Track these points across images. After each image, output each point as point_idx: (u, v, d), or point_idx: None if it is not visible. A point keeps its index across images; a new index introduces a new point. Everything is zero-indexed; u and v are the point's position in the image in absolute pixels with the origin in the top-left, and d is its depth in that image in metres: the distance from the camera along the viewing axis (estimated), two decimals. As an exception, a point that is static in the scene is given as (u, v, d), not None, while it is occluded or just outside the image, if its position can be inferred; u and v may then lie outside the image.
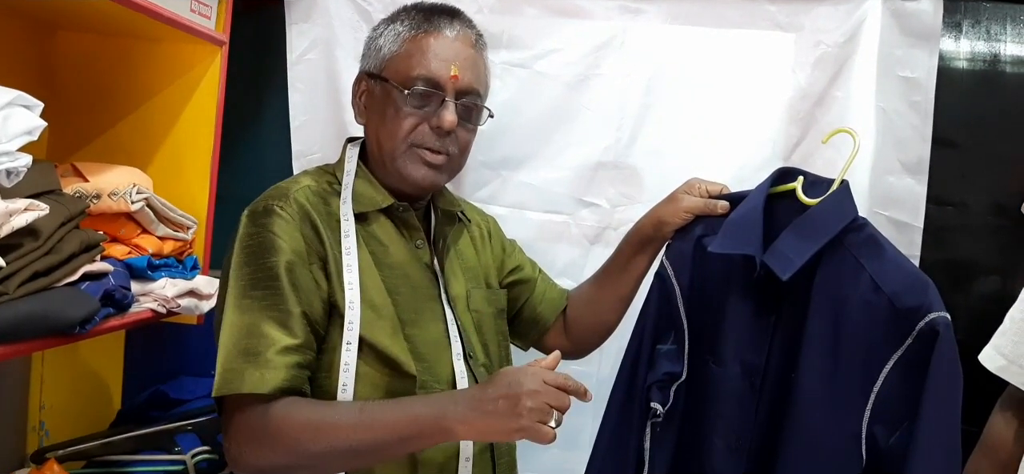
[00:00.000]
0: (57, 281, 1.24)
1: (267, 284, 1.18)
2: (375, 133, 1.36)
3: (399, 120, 1.31)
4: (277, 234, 1.20)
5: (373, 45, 1.39)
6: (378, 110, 1.35)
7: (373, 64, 1.37)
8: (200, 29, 1.56)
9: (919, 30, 1.81)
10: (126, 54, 1.66)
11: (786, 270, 1.29)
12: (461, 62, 1.32)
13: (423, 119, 1.31)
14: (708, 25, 1.89)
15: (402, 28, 1.35)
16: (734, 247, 1.36)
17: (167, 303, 1.49)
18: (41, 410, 1.75)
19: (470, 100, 1.35)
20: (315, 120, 1.97)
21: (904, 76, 1.82)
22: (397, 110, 1.31)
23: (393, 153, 1.32)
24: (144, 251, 1.49)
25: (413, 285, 1.33)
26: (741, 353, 1.38)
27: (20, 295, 1.16)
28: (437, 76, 1.31)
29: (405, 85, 1.31)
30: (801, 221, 1.34)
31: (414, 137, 1.31)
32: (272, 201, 1.24)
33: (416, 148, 1.32)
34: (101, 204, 1.42)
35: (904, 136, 1.82)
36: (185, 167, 1.65)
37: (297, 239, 1.21)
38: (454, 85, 1.31)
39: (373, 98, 1.37)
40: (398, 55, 1.33)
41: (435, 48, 1.32)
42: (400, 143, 1.31)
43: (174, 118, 1.65)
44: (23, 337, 1.15)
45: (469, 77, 1.33)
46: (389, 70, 1.34)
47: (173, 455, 1.73)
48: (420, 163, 1.32)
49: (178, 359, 2.07)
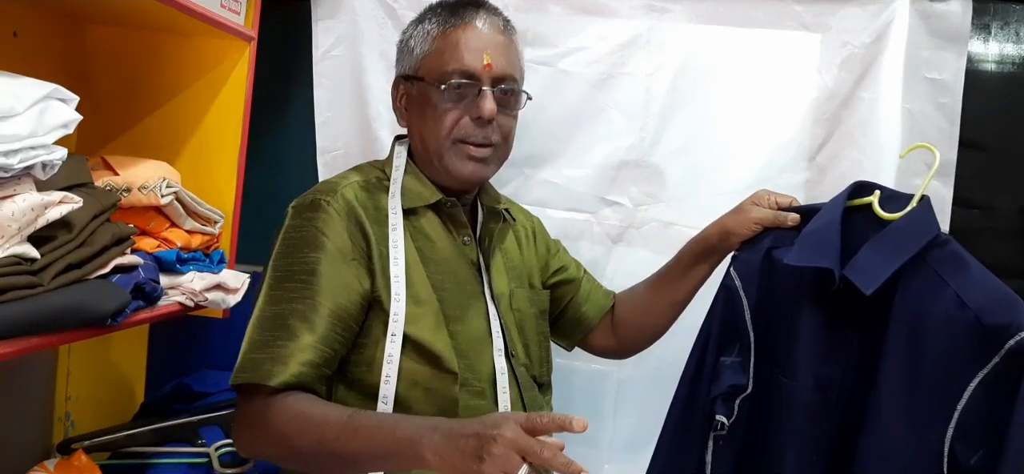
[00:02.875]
0: (89, 273, 1.25)
1: (301, 278, 1.20)
2: (418, 133, 1.38)
3: (439, 117, 1.33)
4: (320, 229, 1.23)
5: (405, 48, 1.41)
6: (418, 110, 1.37)
7: (407, 66, 1.40)
8: (230, 24, 1.57)
9: (947, 32, 1.80)
10: (156, 48, 1.67)
11: (869, 285, 1.25)
12: (493, 50, 1.34)
13: (463, 112, 1.33)
14: (734, 24, 1.89)
15: (431, 26, 1.37)
16: (812, 260, 1.32)
17: (194, 296, 1.50)
18: (67, 401, 1.76)
19: (507, 86, 1.36)
20: (340, 116, 1.98)
21: (931, 78, 1.82)
22: (436, 107, 1.33)
23: (438, 150, 1.34)
24: (173, 245, 1.50)
25: (458, 281, 1.35)
26: (815, 366, 1.35)
27: (54, 287, 1.16)
28: (471, 67, 1.32)
29: (441, 81, 1.33)
30: (883, 236, 1.31)
31: (457, 131, 1.33)
32: (319, 195, 1.27)
33: (460, 143, 1.34)
34: (131, 197, 1.43)
35: (931, 138, 1.81)
36: (213, 161, 1.66)
37: (341, 235, 1.24)
38: (489, 73, 1.33)
39: (412, 100, 1.39)
40: (431, 53, 1.36)
41: (466, 40, 1.33)
42: (444, 140, 1.34)
43: (202, 113, 1.66)
44: (57, 329, 1.16)
45: (503, 63, 1.35)
46: (424, 69, 1.36)
47: (197, 447, 1.73)
48: (465, 158, 1.34)
49: (201, 352, 2.09)
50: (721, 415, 1.39)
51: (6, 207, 1.09)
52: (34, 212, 1.13)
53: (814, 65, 1.86)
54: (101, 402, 1.88)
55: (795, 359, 1.37)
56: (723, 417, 1.39)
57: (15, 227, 1.11)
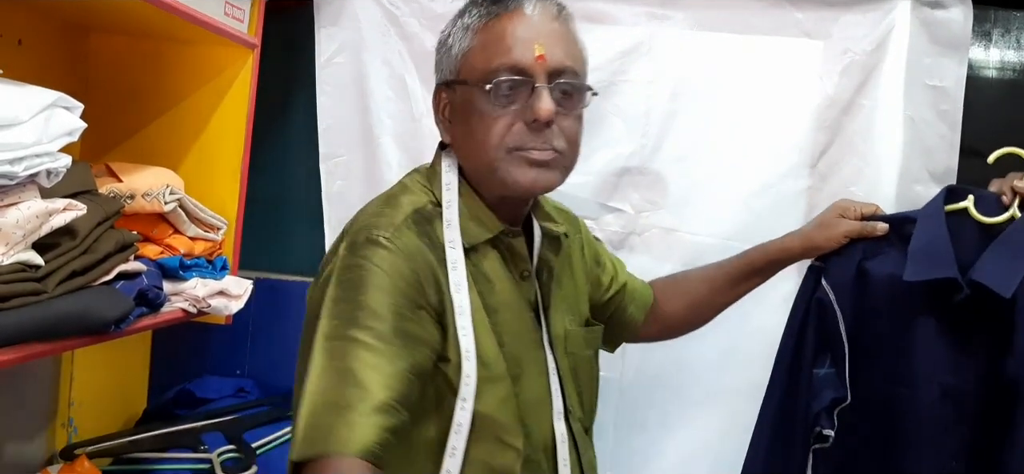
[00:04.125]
0: (93, 280, 1.26)
1: (367, 326, 0.96)
2: (466, 148, 1.15)
3: (488, 125, 1.10)
4: (383, 270, 1.00)
5: (443, 49, 1.18)
6: (463, 120, 1.14)
7: (447, 70, 1.17)
8: (233, 32, 1.58)
9: (948, 39, 1.81)
10: (158, 56, 1.68)
11: (1007, 289, 1.25)
12: (546, 39, 1.10)
13: (516, 117, 1.09)
14: (735, 32, 1.89)
15: (471, 19, 1.14)
16: (931, 273, 1.31)
17: (198, 303, 1.51)
18: (70, 407, 1.77)
19: (566, 81, 1.11)
20: (342, 123, 1.99)
21: (932, 85, 1.82)
22: (483, 114, 1.10)
23: (491, 163, 1.10)
24: (176, 251, 1.50)
25: (518, 330, 1.15)
26: (940, 376, 1.34)
27: (58, 293, 1.17)
28: (521, 61, 1.09)
29: (486, 81, 1.09)
30: (1004, 239, 1.31)
31: (510, 140, 1.09)
32: (377, 231, 1.04)
33: (516, 151, 1.10)
34: (135, 204, 1.44)
35: (932, 145, 1.82)
36: (216, 168, 1.67)
37: (406, 277, 1.02)
38: (543, 67, 1.09)
39: (455, 109, 1.16)
40: (471, 50, 1.13)
41: (513, 30, 1.10)
42: (496, 150, 1.10)
43: (206, 120, 1.67)
44: (61, 336, 1.16)
45: (559, 54, 1.11)
46: (465, 70, 1.13)
47: (199, 454, 1.74)
48: (525, 164, 1.10)
49: (203, 358, 2.10)
50: (827, 429, 1.40)
51: (11, 214, 1.10)
52: (39, 219, 1.14)
53: (815, 72, 1.86)
54: (104, 408, 1.89)
55: (914, 369, 1.36)
56: (829, 430, 1.40)
57: (20, 234, 1.11)
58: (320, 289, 1.04)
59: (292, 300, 2.03)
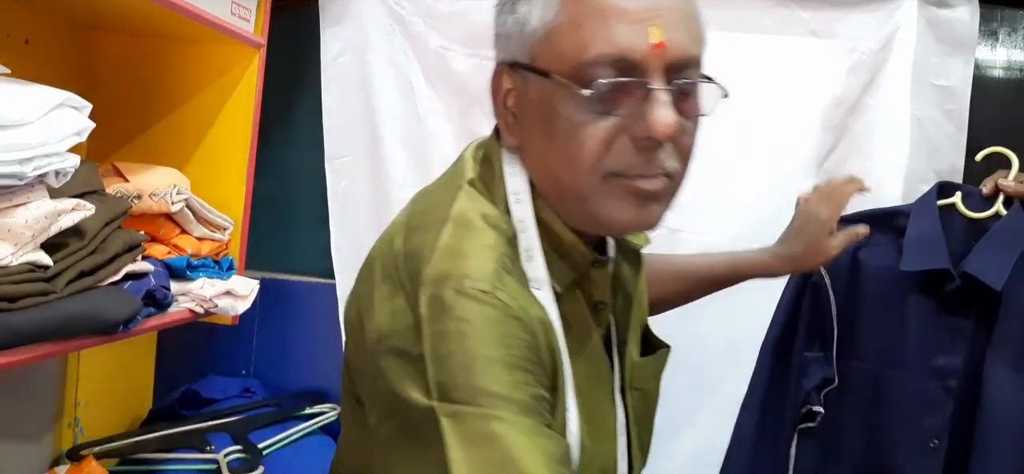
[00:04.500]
0: (101, 280, 1.25)
1: (508, 417, 0.73)
2: (542, 159, 0.85)
3: (580, 139, 0.80)
4: (492, 335, 0.76)
5: (511, 20, 0.86)
6: (540, 122, 0.84)
7: (518, 48, 0.85)
8: (240, 32, 1.58)
9: (954, 38, 1.80)
10: (163, 55, 1.67)
11: (998, 280, 1.36)
12: (665, 17, 0.79)
13: (619, 129, 0.80)
14: (741, 31, 1.89)
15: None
16: (926, 264, 1.42)
17: (205, 303, 1.51)
18: (77, 407, 1.77)
19: (687, 78, 0.83)
20: (348, 122, 1.98)
21: (939, 84, 1.81)
22: (572, 122, 0.81)
23: (581, 190, 0.82)
24: (183, 251, 1.50)
25: (594, 375, 0.92)
26: (930, 358, 1.45)
27: (67, 294, 1.17)
28: (631, 51, 0.78)
29: (579, 78, 0.79)
30: (993, 235, 1.43)
31: (610, 162, 0.80)
32: (469, 279, 0.77)
33: (618, 178, 0.81)
34: (142, 204, 1.43)
35: (938, 144, 1.81)
36: (221, 168, 1.66)
37: (522, 341, 0.77)
38: (660, 58, 0.78)
39: (528, 103, 0.85)
40: (557, 29, 0.81)
41: (623, 3, 0.78)
42: (589, 174, 0.81)
43: (211, 119, 1.67)
44: (70, 336, 1.16)
45: (682, 38, 0.80)
46: (546, 56, 0.82)
47: (206, 454, 1.74)
48: (628, 197, 0.82)
49: (209, 358, 2.10)
50: (817, 406, 1.48)
51: (20, 214, 1.10)
52: (48, 219, 1.14)
53: (822, 72, 1.86)
54: (110, 408, 1.89)
55: (904, 352, 1.47)
56: (819, 407, 1.48)
57: (29, 234, 1.11)
58: (397, 360, 0.78)
59: (297, 300, 2.04)
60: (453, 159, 1.98)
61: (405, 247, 0.83)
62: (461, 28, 1.94)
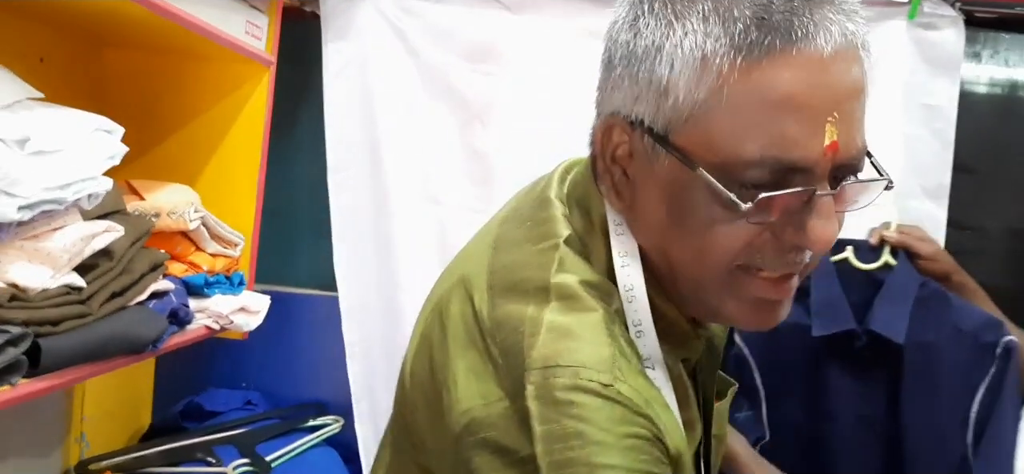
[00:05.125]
0: (129, 300, 1.26)
1: None
2: (658, 236, 0.75)
3: (719, 238, 0.70)
4: (618, 437, 0.67)
5: (643, 71, 0.70)
6: (666, 201, 0.73)
7: (649, 112, 0.71)
8: (253, 50, 1.59)
9: (941, 59, 1.87)
10: (173, 72, 1.68)
11: (900, 335, 1.49)
12: (843, 109, 0.68)
13: (766, 229, 0.70)
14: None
15: (712, 45, 0.67)
16: (835, 327, 1.53)
17: (221, 319, 1.52)
18: (82, 422, 1.77)
19: (852, 173, 0.73)
20: (350, 137, 2.00)
21: (927, 103, 1.88)
22: (714, 219, 0.70)
23: (701, 282, 0.74)
24: (198, 268, 1.51)
25: (691, 445, 0.83)
26: (854, 408, 1.56)
27: (101, 315, 1.18)
28: (800, 158, 0.66)
29: (734, 178, 0.67)
30: (887, 291, 1.54)
31: (746, 258, 0.72)
32: (587, 371, 0.68)
33: (745, 270, 0.73)
34: (160, 223, 1.44)
35: (926, 162, 1.88)
36: (231, 184, 1.67)
37: (647, 439, 0.69)
38: (832, 160, 0.68)
39: (651, 173, 0.73)
40: (710, 110, 0.68)
41: (795, 92, 0.65)
42: (720, 269, 0.72)
43: (221, 136, 1.68)
44: (107, 357, 1.18)
45: (856, 136, 0.71)
46: (690, 136, 0.69)
47: (213, 468, 1.75)
48: (753, 304, 0.74)
49: (207, 371, 2.10)
50: None
51: (57, 239, 1.11)
52: (82, 242, 1.15)
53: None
54: (113, 422, 1.89)
55: (830, 404, 1.57)
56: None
57: (66, 258, 1.12)
58: (495, 458, 0.68)
59: (298, 313, 2.05)
60: (455, 175, 2.03)
61: (493, 315, 0.73)
62: (461, 44, 1.97)
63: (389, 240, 1.98)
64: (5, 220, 1.00)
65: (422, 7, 1.97)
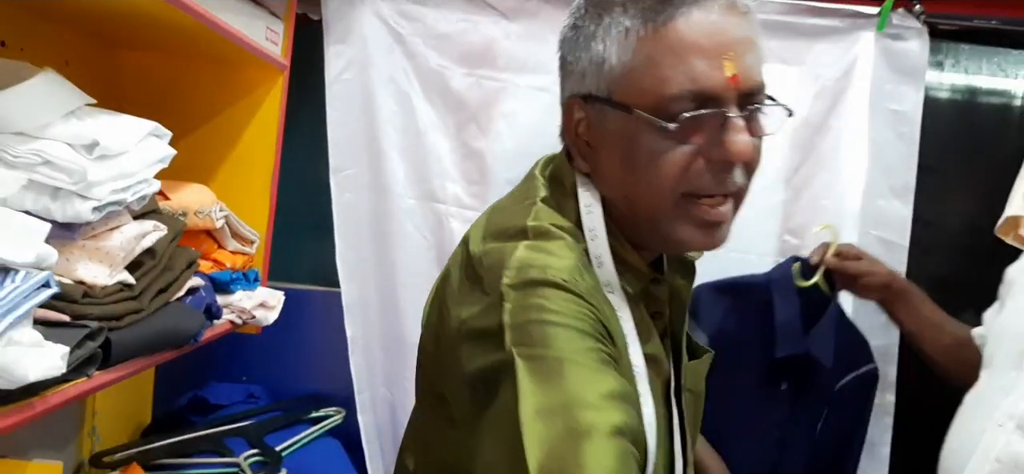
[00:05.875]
0: (171, 297, 1.32)
1: (579, 360, 0.81)
2: (618, 184, 0.94)
3: (660, 165, 0.88)
4: (570, 316, 0.84)
5: (586, 57, 0.93)
6: (618, 151, 0.92)
7: (594, 83, 0.92)
8: (271, 55, 1.65)
9: (907, 67, 2.01)
10: (189, 74, 1.73)
11: (829, 361, 1.80)
12: (736, 49, 0.87)
13: (696, 153, 0.88)
14: (719, 57, 2.06)
15: (630, 21, 0.89)
16: (792, 350, 1.79)
17: (244, 314, 1.58)
18: (94, 416, 1.80)
19: (758, 102, 0.91)
20: (351, 137, 2.06)
21: (893, 109, 2.03)
22: (654, 151, 0.88)
23: (656, 213, 0.91)
24: (222, 266, 1.57)
25: (656, 380, 0.97)
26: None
27: (151, 311, 1.24)
28: (709, 86, 0.86)
29: (663, 113, 0.86)
30: (824, 324, 1.81)
31: (686, 183, 0.89)
32: (552, 270, 0.86)
33: (690, 198, 0.90)
34: (188, 222, 1.50)
35: (893, 163, 2.02)
36: (246, 183, 1.73)
37: (594, 324, 0.86)
38: (735, 89, 0.87)
39: (602, 132, 0.93)
40: (635, 67, 0.88)
41: (696, 40, 0.85)
42: (667, 196, 0.89)
43: (236, 137, 1.73)
44: (159, 350, 1.23)
45: (752, 68, 0.89)
46: (625, 91, 0.89)
47: (226, 458, 1.80)
48: (698, 225, 0.91)
49: (206, 364, 2.14)
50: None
51: (115, 238, 1.17)
52: (135, 241, 1.21)
53: (791, 95, 2.04)
54: (119, 416, 1.93)
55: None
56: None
57: (121, 256, 1.18)
58: (476, 342, 0.86)
59: (301, 307, 2.10)
60: (451, 171, 2.11)
61: (483, 249, 0.92)
62: (459, 48, 2.05)
63: (389, 237, 2.06)
64: (81, 221, 1.05)
65: (421, 12, 2.05)
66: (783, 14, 2.02)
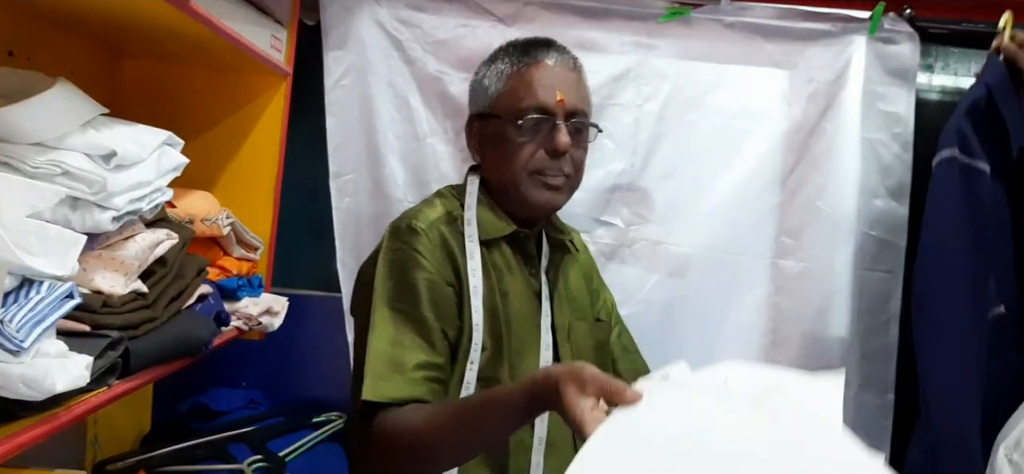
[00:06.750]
0: (182, 305, 1.33)
1: (410, 299, 1.28)
2: (494, 168, 1.44)
3: (516, 151, 1.39)
4: (420, 252, 1.30)
5: (478, 88, 1.49)
6: (494, 146, 1.44)
7: (482, 105, 1.47)
8: (275, 62, 1.66)
9: (899, 69, 2.04)
10: (191, 82, 1.73)
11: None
12: (565, 86, 1.40)
13: (538, 146, 1.39)
14: (713, 61, 2.09)
15: (504, 66, 1.44)
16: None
17: (250, 321, 1.58)
18: (95, 424, 1.80)
19: (579, 120, 1.42)
20: (350, 143, 2.07)
21: (886, 110, 2.06)
22: (512, 142, 1.39)
23: (515, 182, 1.40)
24: (229, 273, 1.57)
25: (523, 314, 1.40)
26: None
27: (165, 319, 1.24)
28: (546, 103, 1.38)
29: (517, 117, 1.39)
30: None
31: (532, 164, 1.39)
32: (415, 221, 1.34)
33: (536, 174, 1.39)
34: (195, 229, 1.50)
35: (888, 163, 2.05)
36: (249, 190, 1.74)
37: (437, 260, 1.32)
38: (562, 108, 1.39)
39: (487, 137, 1.46)
40: (505, 92, 1.42)
41: (539, 77, 1.40)
42: (520, 172, 1.39)
43: (239, 144, 1.73)
44: (173, 359, 1.24)
45: (574, 98, 1.41)
46: (499, 107, 1.43)
47: (230, 464, 1.80)
48: (542, 187, 1.40)
49: (206, 370, 2.13)
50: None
51: (130, 246, 1.17)
52: (149, 250, 1.21)
53: (784, 98, 2.08)
54: (119, 423, 1.92)
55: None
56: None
57: (136, 264, 1.19)
58: (371, 264, 1.36)
59: (301, 313, 2.10)
60: (450, 176, 2.12)
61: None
62: (456, 54, 2.07)
63: (388, 242, 2.07)
64: (100, 231, 1.06)
65: (419, 18, 2.06)
66: (776, 18, 2.05)
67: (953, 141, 1.70)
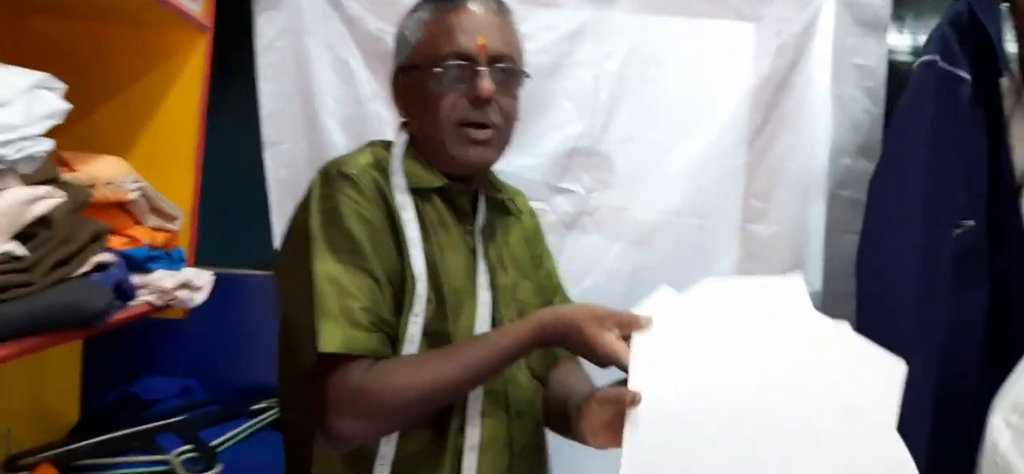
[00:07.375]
0: (72, 272, 1.19)
1: (351, 248, 1.17)
2: (419, 123, 1.32)
3: (437, 101, 1.27)
4: (355, 199, 1.20)
5: (400, 40, 1.36)
6: (417, 99, 1.31)
7: (403, 57, 1.35)
8: (191, 14, 1.52)
9: (870, 20, 1.94)
10: (100, 40, 1.59)
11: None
12: (487, 30, 1.29)
13: (461, 95, 1.27)
14: (675, 14, 1.96)
15: (424, 14, 1.32)
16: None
17: (165, 295, 1.44)
18: (8, 416, 1.65)
19: (505, 66, 1.30)
20: (285, 109, 1.94)
21: (857, 63, 1.95)
22: (433, 93, 1.27)
23: (439, 136, 1.28)
24: (139, 242, 1.44)
25: (459, 270, 1.30)
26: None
27: (45, 285, 1.10)
28: (466, 48, 1.27)
29: (436, 65, 1.27)
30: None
31: (455, 114, 1.27)
32: (347, 168, 1.23)
33: (461, 127, 1.27)
34: (96, 194, 1.36)
35: (859, 120, 1.95)
36: (166, 157, 1.60)
37: (373, 206, 1.22)
38: (485, 53, 1.27)
39: (410, 91, 1.33)
40: (425, 40, 1.30)
41: (459, 22, 1.28)
42: (444, 124, 1.27)
43: (155, 106, 1.60)
44: (54, 328, 1.10)
45: (498, 43, 1.29)
46: (418, 57, 1.31)
47: (155, 456, 1.67)
48: (468, 142, 1.28)
49: (139, 359, 2.00)
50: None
51: (-3, 201, 1.03)
52: (23, 207, 1.08)
53: (751, 52, 1.96)
54: (38, 416, 1.78)
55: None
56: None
57: (4, 222, 1.05)
58: (303, 218, 1.22)
59: (238, 293, 1.97)
60: (393, 141, 1.99)
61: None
62: (399, 11, 1.86)
63: (330, 215, 1.93)
64: (-56, 176, 0.92)
65: (359, -27, 1.92)
66: (738, -33, 1.93)
67: (936, 47, 1.62)
